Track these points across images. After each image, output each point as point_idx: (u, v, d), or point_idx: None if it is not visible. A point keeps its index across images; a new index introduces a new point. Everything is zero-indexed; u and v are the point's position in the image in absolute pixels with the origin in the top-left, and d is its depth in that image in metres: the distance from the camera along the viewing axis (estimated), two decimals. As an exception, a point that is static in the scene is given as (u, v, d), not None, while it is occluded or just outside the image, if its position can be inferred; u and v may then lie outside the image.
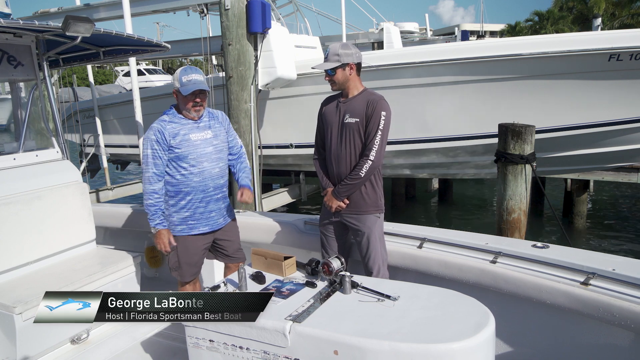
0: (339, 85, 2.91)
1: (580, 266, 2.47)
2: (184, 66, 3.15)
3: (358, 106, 2.85)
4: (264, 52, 6.71)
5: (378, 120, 2.79)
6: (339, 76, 2.87)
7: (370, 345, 1.83)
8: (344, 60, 2.83)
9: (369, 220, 2.92)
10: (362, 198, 2.91)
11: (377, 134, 2.79)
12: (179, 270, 3.08)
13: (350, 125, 2.85)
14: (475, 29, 38.43)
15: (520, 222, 4.75)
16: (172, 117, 2.97)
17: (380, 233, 2.98)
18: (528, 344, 2.65)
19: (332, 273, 2.32)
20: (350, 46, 2.90)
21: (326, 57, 2.89)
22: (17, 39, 3.27)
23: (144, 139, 2.97)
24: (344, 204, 2.92)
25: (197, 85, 2.86)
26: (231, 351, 2.10)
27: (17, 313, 2.61)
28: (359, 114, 2.83)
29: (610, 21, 24.87)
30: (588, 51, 5.89)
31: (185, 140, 2.92)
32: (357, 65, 2.89)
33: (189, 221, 3.00)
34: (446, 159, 7.40)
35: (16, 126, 3.65)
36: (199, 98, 2.91)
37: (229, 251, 3.22)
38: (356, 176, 2.83)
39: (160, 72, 30.34)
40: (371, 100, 2.83)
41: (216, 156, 3.04)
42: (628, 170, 8.98)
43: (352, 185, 2.85)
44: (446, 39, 18.06)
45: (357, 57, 2.88)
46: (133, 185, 10.03)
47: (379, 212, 2.97)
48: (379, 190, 2.96)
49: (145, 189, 2.92)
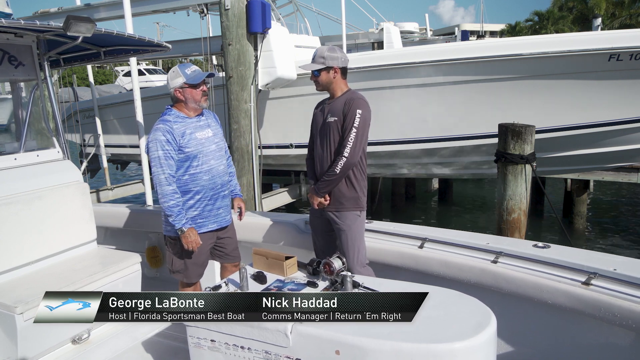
0: (322, 87, 3.02)
1: (582, 266, 2.47)
2: (178, 64, 3.16)
3: (338, 105, 2.95)
4: (264, 52, 6.71)
5: (353, 118, 2.86)
6: (322, 78, 2.97)
7: (372, 345, 1.83)
8: (329, 64, 2.93)
9: (349, 217, 2.97)
10: (341, 195, 2.97)
11: (351, 131, 2.85)
12: (185, 272, 3.06)
13: (330, 124, 2.95)
14: (475, 29, 38.45)
15: (520, 222, 4.75)
16: (174, 117, 2.95)
17: (359, 232, 3.00)
18: (529, 344, 2.65)
19: (333, 273, 2.32)
20: (337, 50, 2.98)
21: (313, 59, 2.98)
22: (18, 39, 3.27)
23: (150, 142, 2.90)
24: (324, 201, 2.98)
25: (204, 73, 2.94)
26: (232, 351, 2.10)
27: (18, 313, 2.60)
28: (337, 113, 2.93)
29: (610, 21, 24.87)
30: (588, 51, 5.89)
31: (192, 139, 2.94)
32: (341, 69, 2.98)
33: (197, 220, 3.00)
34: (446, 159, 7.40)
35: (17, 126, 3.64)
36: (205, 86, 2.97)
37: (228, 249, 3.22)
38: (332, 173, 2.91)
39: (160, 72, 30.31)
40: (349, 99, 2.92)
41: (219, 153, 3.08)
42: (628, 170, 8.99)
43: (328, 182, 2.93)
44: (446, 39, 18.05)
45: (342, 61, 2.97)
46: (133, 185, 10.03)
47: (359, 209, 3.00)
48: (360, 188, 3.00)
49: (164, 191, 2.85)
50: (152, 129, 2.94)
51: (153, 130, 2.91)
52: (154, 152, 2.87)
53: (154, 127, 2.92)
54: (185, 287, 3.14)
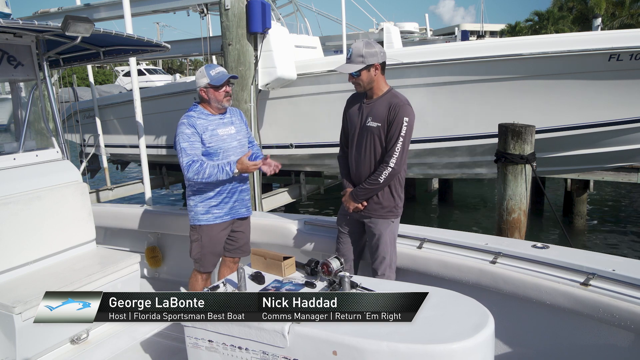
0: (364, 87, 2.83)
1: (580, 266, 2.47)
2: (205, 64, 3.21)
3: (381, 109, 2.78)
4: (264, 52, 6.71)
5: (400, 126, 2.72)
6: (364, 78, 2.77)
7: (369, 346, 1.83)
8: (369, 62, 2.74)
9: (382, 224, 2.90)
10: (378, 203, 2.87)
11: (398, 140, 2.74)
12: (201, 261, 3.16)
13: (372, 129, 2.80)
14: (475, 29, 38.44)
15: (520, 222, 4.75)
16: (199, 113, 3.07)
17: (392, 237, 2.95)
18: (527, 345, 2.65)
19: (331, 273, 2.32)
20: (373, 44, 2.79)
21: (349, 58, 2.78)
22: (17, 39, 3.27)
23: (176, 136, 3.01)
24: (361, 206, 2.89)
25: (227, 75, 3.04)
26: (230, 351, 2.10)
27: (16, 313, 2.61)
28: (381, 118, 2.77)
29: (610, 21, 24.85)
30: (588, 51, 5.88)
31: (214, 135, 3.04)
32: (381, 65, 2.80)
33: (214, 210, 3.10)
34: (446, 159, 7.40)
35: (16, 126, 3.65)
36: (229, 87, 3.05)
37: (240, 243, 3.30)
38: (375, 182, 2.80)
39: (160, 72, 30.35)
40: (394, 105, 2.75)
41: (240, 150, 3.16)
42: (628, 170, 8.98)
43: (370, 190, 2.83)
44: (446, 39, 18.02)
45: (381, 56, 2.79)
46: (133, 185, 10.02)
47: (394, 217, 2.93)
48: (397, 196, 2.91)
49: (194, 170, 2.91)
50: (178, 124, 3.04)
51: (178, 125, 3.04)
52: (179, 144, 2.98)
53: (179, 122, 3.04)
54: (198, 275, 3.21)
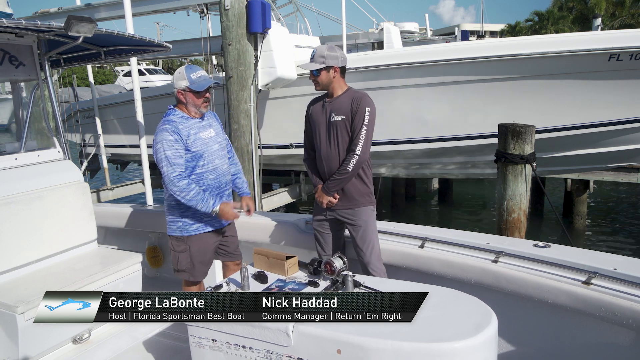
0: (322, 86, 3.01)
1: (582, 265, 2.47)
2: (184, 65, 3.15)
3: (343, 104, 2.96)
4: (264, 52, 6.71)
5: (363, 116, 2.90)
6: (322, 77, 2.97)
7: (373, 344, 1.83)
8: (329, 63, 2.93)
9: (364, 213, 3.01)
10: (356, 191, 3.00)
11: (362, 129, 2.89)
12: (192, 271, 3.05)
13: (337, 123, 2.95)
14: (475, 29, 38.47)
15: (520, 222, 4.75)
16: (179, 117, 2.92)
17: (374, 226, 3.05)
18: (530, 343, 2.65)
19: (334, 272, 2.32)
20: (336, 49, 2.99)
21: (312, 58, 2.97)
22: (19, 39, 3.27)
23: (157, 143, 2.84)
24: (334, 199, 3.00)
25: (209, 81, 2.92)
26: (234, 350, 2.10)
27: (19, 313, 2.61)
28: (344, 112, 2.94)
29: (610, 21, 24.87)
30: (588, 51, 5.89)
31: (197, 139, 2.93)
32: (341, 69, 2.99)
33: (203, 219, 3.00)
34: (446, 159, 7.40)
35: (17, 126, 3.65)
36: (208, 94, 2.96)
37: (231, 248, 3.24)
38: (344, 171, 2.92)
39: (160, 72, 30.31)
40: (355, 98, 2.94)
41: (222, 153, 3.10)
42: (628, 170, 9.00)
43: (340, 180, 2.95)
44: (446, 39, 18.04)
45: (342, 60, 2.98)
46: (133, 185, 10.03)
47: (373, 204, 3.06)
48: (370, 182, 3.05)
49: (180, 187, 2.79)
50: (158, 130, 2.87)
51: (159, 131, 2.86)
52: (161, 153, 2.81)
53: (160, 128, 2.87)
54: (190, 285, 3.14)
